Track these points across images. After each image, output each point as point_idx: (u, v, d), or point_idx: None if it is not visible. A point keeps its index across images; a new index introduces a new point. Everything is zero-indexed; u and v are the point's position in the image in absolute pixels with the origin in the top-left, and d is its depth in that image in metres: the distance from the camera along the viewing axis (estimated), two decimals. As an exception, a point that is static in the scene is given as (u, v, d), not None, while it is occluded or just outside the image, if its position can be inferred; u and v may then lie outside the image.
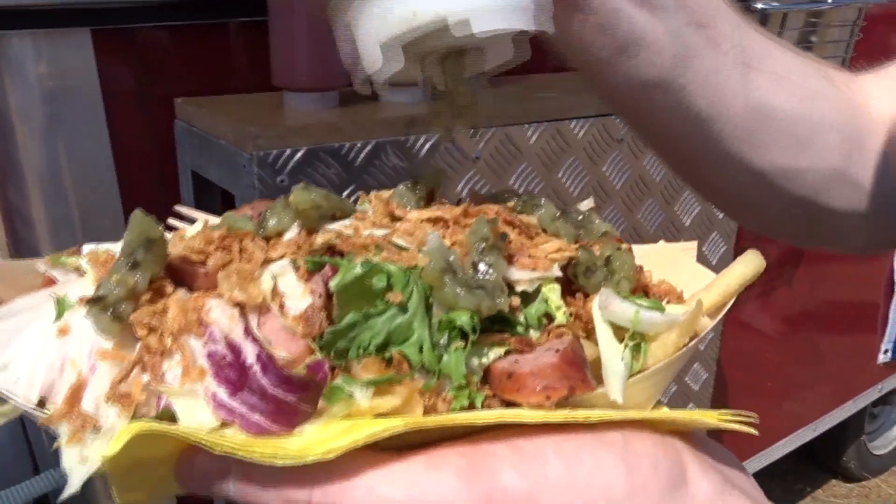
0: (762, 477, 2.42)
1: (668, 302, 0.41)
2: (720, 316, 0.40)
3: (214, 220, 0.42)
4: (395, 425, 0.30)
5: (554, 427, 0.32)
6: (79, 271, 0.38)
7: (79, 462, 0.31)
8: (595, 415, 0.32)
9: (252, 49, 1.23)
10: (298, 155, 1.01)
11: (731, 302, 0.41)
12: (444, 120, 0.41)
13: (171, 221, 0.42)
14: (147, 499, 0.35)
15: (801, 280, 2.42)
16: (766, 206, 0.61)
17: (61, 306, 0.35)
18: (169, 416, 0.32)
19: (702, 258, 1.62)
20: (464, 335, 0.34)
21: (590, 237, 0.43)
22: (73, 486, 0.31)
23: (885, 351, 2.84)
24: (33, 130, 1.14)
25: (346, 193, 1.07)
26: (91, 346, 0.33)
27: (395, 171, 1.12)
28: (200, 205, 1.22)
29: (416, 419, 0.31)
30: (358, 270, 0.34)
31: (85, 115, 1.16)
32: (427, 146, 1.14)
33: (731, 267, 0.41)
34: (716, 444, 0.38)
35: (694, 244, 0.48)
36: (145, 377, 0.32)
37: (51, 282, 0.38)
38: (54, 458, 1.32)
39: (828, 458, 3.28)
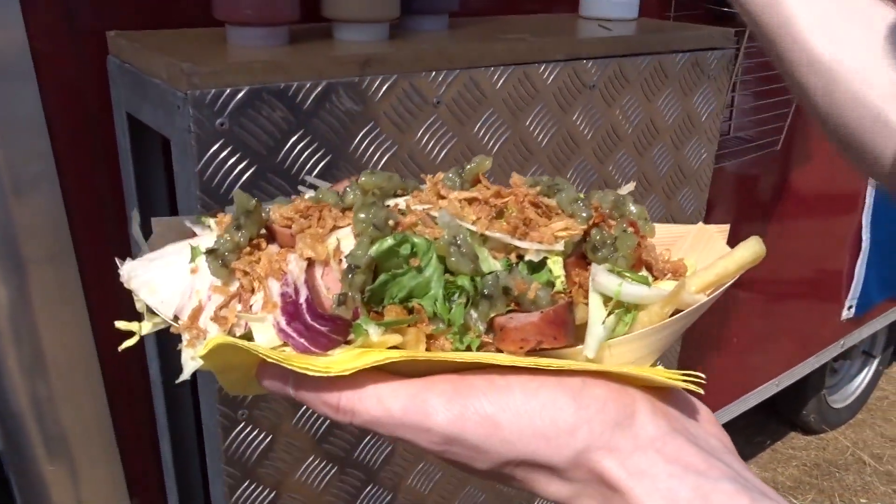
0: (726, 429, 2.42)
1: (669, 278, 0.49)
2: (715, 294, 0.46)
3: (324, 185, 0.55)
4: (393, 355, 0.41)
5: (529, 370, 0.41)
6: (210, 228, 0.50)
7: (191, 359, 0.45)
8: (556, 363, 0.41)
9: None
10: (239, 95, 0.91)
11: (729, 283, 0.46)
12: None
13: (301, 188, 0.54)
14: (241, 391, 0.49)
15: (768, 236, 2.39)
16: None
17: (194, 252, 0.47)
18: (250, 335, 0.44)
19: (674, 210, 1.56)
20: (467, 292, 0.43)
21: (621, 218, 0.50)
22: (185, 374, 0.45)
23: (850, 307, 2.86)
24: (-50, 66, 1.03)
25: (293, 139, 0.98)
26: (210, 281, 0.46)
27: (348, 117, 1.03)
28: (137, 151, 1.12)
29: (409, 353, 0.42)
30: (390, 241, 0.44)
31: (7, 51, 1.04)
32: (384, 89, 1.05)
33: (732, 252, 0.47)
34: (692, 401, 0.46)
35: (727, 227, 0.54)
36: (239, 307, 0.45)
37: (192, 234, 0.51)
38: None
39: (788, 411, 3.33)
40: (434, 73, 1.10)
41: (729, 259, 0.47)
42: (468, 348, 0.43)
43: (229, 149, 0.92)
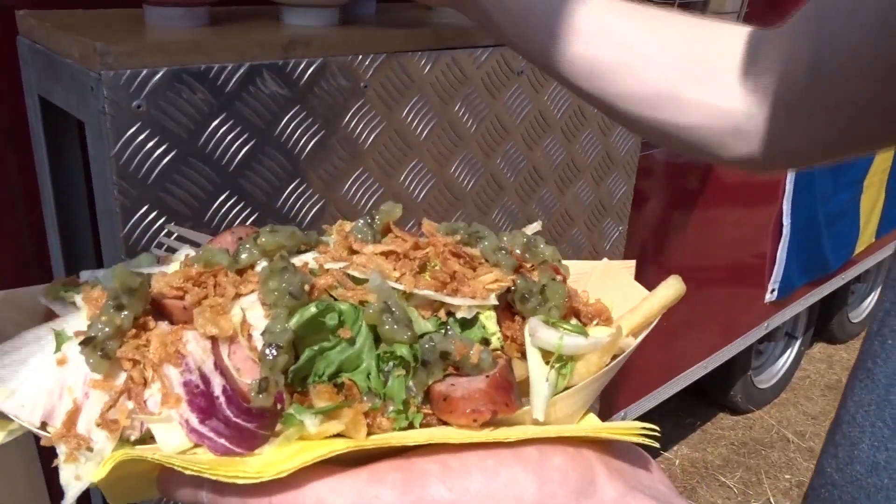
0: (654, 414, 2.48)
1: (597, 323, 0.47)
2: (642, 336, 0.45)
3: (204, 238, 0.48)
4: (338, 447, 0.36)
5: (480, 444, 0.38)
6: (75, 306, 0.41)
7: (74, 479, 0.36)
8: (513, 434, 0.38)
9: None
10: (157, 76, 0.89)
11: (654, 323, 0.46)
12: None
13: (164, 240, 0.46)
14: (131, 499, 0.41)
15: (693, 222, 2.46)
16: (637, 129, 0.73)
17: (60, 339, 0.39)
18: (151, 436, 0.37)
19: (602, 195, 1.59)
20: (406, 362, 0.39)
21: (535, 260, 0.47)
22: (68, 499, 0.36)
23: (772, 290, 2.96)
24: None
25: (215, 123, 0.96)
26: (85, 375, 0.38)
27: (273, 100, 1.01)
28: (51, 136, 1.08)
29: (356, 442, 0.37)
30: (313, 310, 0.38)
31: None
32: (310, 72, 1.03)
33: (654, 292, 0.46)
34: (634, 449, 0.44)
35: (632, 263, 0.53)
36: (130, 404, 0.37)
37: (52, 314, 0.42)
38: None
39: (716, 393, 3.44)
40: (361, 56, 1.09)
41: (653, 300, 0.46)
42: (410, 425, 0.39)
43: (147, 132, 0.90)
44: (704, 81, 0.66)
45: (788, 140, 0.64)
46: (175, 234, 0.53)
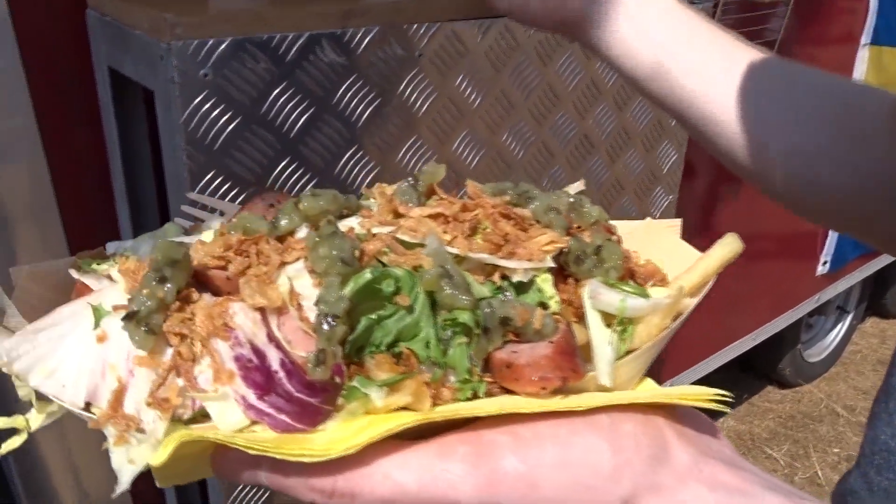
0: (702, 385, 2.48)
1: (652, 284, 0.44)
2: (700, 295, 0.43)
3: (231, 206, 0.45)
4: (406, 421, 0.34)
5: (550, 413, 0.36)
6: (110, 278, 0.39)
7: (127, 462, 0.34)
8: (585, 402, 0.36)
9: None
10: (222, 47, 0.92)
11: (712, 282, 0.44)
12: None
13: (185, 209, 0.45)
14: (180, 481, 0.39)
15: (744, 192, 2.43)
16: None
17: (98, 314, 0.37)
18: (203, 413, 0.35)
19: (652, 164, 1.58)
20: (468, 329, 0.37)
21: (581, 221, 0.45)
22: (123, 484, 0.34)
23: (824, 262, 2.91)
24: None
25: (277, 91, 0.99)
26: (128, 351, 0.35)
27: (331, 68, 1.03)
28: (120, 105, 1.12)
29: (425, 414, 0.35)
30: (368, 276, 0.36)
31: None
32: (367, 41, 1.05)
33: (711, 250, 0.45)
34: (698, 415, 0.42)
35: (678, 221, 0.51)
36: (180, 381, 0.35)
37: (85, 288, 0.39)
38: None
39: (765, 366, 3.41)
40: (416, 25, 1.10)
41: (710, 259, 0.44)
42: (474, 394, 0.37)
43: (213, 100, 0.93)
44: (857, 141, 0.62)
45: None
46: (199, 205, 0.51)
